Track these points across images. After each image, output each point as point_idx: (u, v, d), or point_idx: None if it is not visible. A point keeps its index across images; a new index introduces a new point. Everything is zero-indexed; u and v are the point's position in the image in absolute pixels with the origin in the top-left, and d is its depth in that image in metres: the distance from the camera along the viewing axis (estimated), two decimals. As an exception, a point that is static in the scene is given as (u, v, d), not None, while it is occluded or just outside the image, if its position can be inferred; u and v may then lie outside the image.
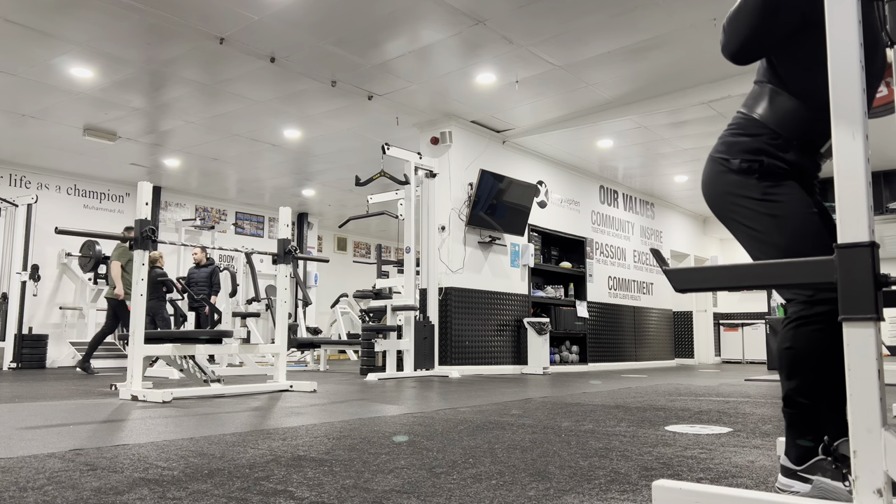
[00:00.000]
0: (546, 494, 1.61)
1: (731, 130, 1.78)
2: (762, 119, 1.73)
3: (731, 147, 1.74)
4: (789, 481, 1.61)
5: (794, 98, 1.70)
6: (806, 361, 1.60)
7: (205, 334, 4.92)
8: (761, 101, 1.75)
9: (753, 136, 1.72)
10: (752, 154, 1.70)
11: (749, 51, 1.71)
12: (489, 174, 7.89)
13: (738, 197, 1.70)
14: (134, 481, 1.73)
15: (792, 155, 1.68)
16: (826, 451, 1.56)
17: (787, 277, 1.32)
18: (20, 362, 8.67)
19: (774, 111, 1.72)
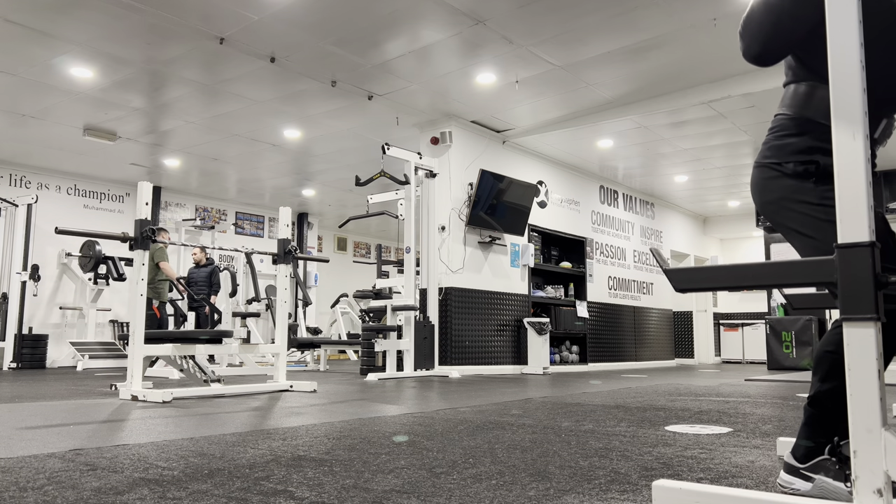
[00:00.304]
0: (546, 494, 1.61)
1: (776, 133, 1.73)
2: (807, 116, 1.68)
3: (780, 150, 1.69)
4: (791, 478, 1.60)
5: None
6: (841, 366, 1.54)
7: (205, 334, 4.92)
8: (801, 98, 1.70)
9: (802, 135, 1.67)
10: (805, 154, 1.65)
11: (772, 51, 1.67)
12: (489, 174, 7.89)
13: (794, 202, 1.64)
14: (134, 481, 1.73)
15: None
16: (832, 451, 1.56)
17: (788, 277, 1.32)
18: (20, 362, 8.67)
19: (817, 105, 1.66)
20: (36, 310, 9.49)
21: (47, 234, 9.57)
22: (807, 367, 9.06)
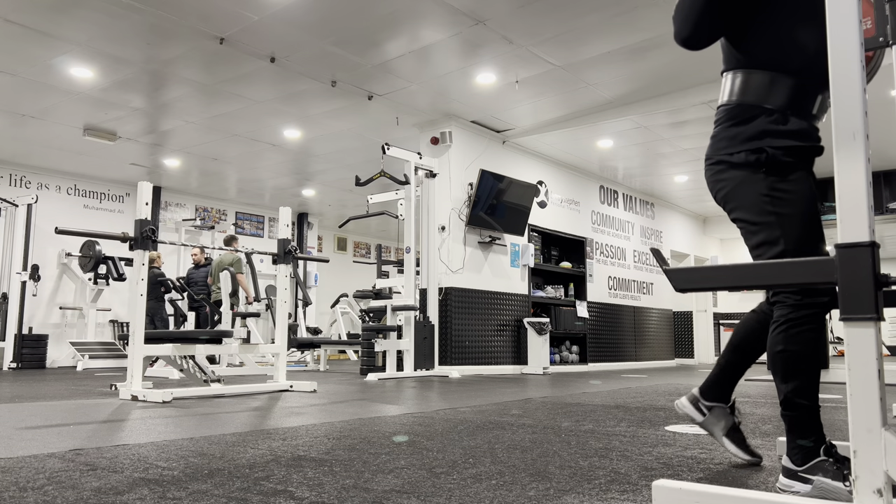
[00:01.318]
0: (546, 494, 1.61)
1: (723, 125, 1.75)
2: (747, 101, 1.70)
3: (731, 141, 1.71)
4: (790, 482, 1.62)
5: (768, 71, 1.69)
6: (801, 363, 1.61)
7: (205, 334, 4.92)
8: (739, 85, 1.73)
9: (749, 122, 1.70)
10: (755, 140, 1.67)
11: (702, 35, 1.70)
12: (489, 174, 7.89)
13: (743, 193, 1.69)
14: (134, 481, 1.73)
15: (793, 124, 1.67)
16: (828, 451, 1.58)
17: (788, 277, 1.32)
18: (20, 362, 8.67)
19: (757, 89, 1.69)
20: (36, 310, 9.49)
21: (47, 234, 9.57)
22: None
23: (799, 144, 1.66)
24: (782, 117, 1.67)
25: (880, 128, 7.68)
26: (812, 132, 1.69)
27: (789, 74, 1.68)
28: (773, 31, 1.69)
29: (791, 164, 1.66)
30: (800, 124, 1.67)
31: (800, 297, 1.61)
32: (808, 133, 1.68)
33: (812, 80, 1.68)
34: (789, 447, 1.64)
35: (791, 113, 1.67)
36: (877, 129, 7.67)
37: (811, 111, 1.69)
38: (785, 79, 1.68)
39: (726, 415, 1.97)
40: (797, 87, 1.68)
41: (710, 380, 2.00)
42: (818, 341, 1.61)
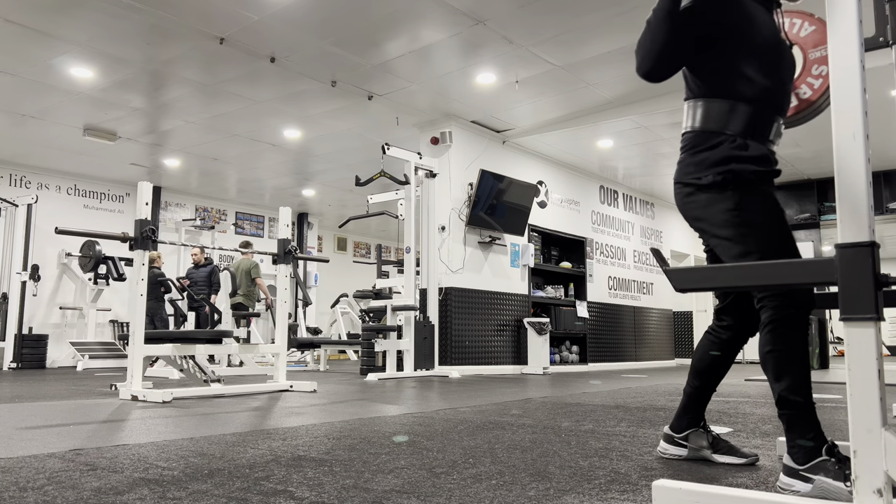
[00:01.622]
0: (546, 494, 1.61)
1: (689, 151, 1.87)
2: (710, 128, 1.83)
3: (698, 166, 1.83)
4: (791, 480, 1.64)
5: (727, 100, 1.82)
6: (790, 361, 1.67)
7: (205, 334, 4.92)
8: (698, 112, 1.86)
9: (714, 148, 1.81)
10: (721, 165, 1.79)
11: (661, 69, 1.82)
12: (489, 174, 7.89)
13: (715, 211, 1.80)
14: (134, 481, 1.73)
15: (753, 150, 1.79)
16: (829, 451, 1.59)
17: (788, 278, 1.33)
18: (20, 362, 8.67)
19: (718, 117, 1.82)
20: (36, 310, 9.49)
21: (47, 234, 9.57)
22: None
23: (760, 169, 1.78)
24: (743, 143, 1.79)
25: (880, 128, 7.68)
26: (770, 157, 1.83)
27: (746, 102, 1.81)
28: (728, 64, 1.82)
29: (755, 182, 1.78)
30: (759, 149, 1.80)
31: (782, 299, 1.68)
32: (767, 158, 1.81)
33: (767, 107, 1.83)
34: (789, 446, 1.66)
35: (750, 139, 1.80)
36: (877, 129, 7.67)
37: (768, 136, 1.83)
38: (742, 107, 1.81)
39: (702, 434, 2.02)
40: (754, 115, 1.81)
41: (679, 411, 2.06)
42: (805, 340, 1.67)
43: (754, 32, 1.84)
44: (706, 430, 2.03)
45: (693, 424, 2.04)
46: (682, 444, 2.05)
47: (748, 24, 1.83)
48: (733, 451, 2.00)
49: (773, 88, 1.83)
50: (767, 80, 1.82)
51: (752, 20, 1.85)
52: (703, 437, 2.02)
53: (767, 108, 1.83)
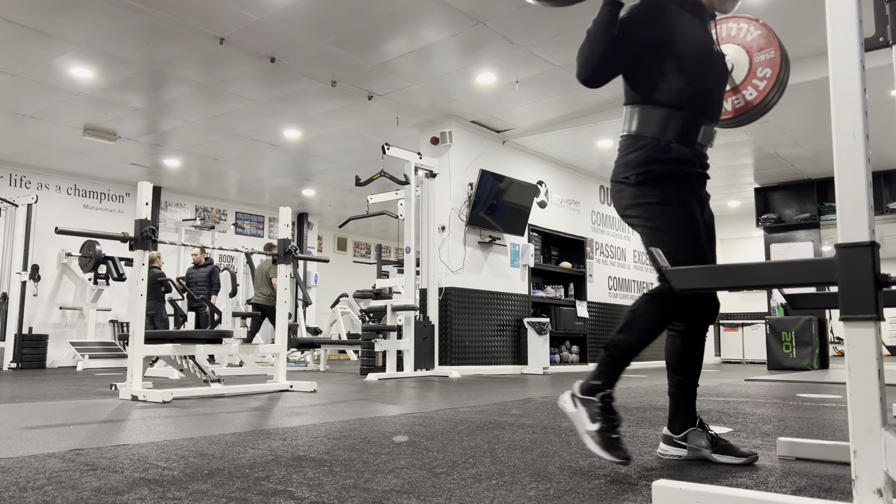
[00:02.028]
0: (546, 494, 1.61)
1: (621, 153, 2.05)
2: (640, 132, 2.01)
3: (626, 166, 2.01)
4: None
5: (657, 106, 1.99)
6: (637, 328, 1.93)
7: (205, 334, 4.92)
8: (634, 118, 2.03)
9: (639, 150, 1.99)
10: (643, 165, 1.97)
11: (597, 77, 1.97)
12: (489, 174, 7.89)
13: (638, 205, 1.98)
14: (134, 481, 1.73)
15: (674, 153, 1.97)
16: (603, 398, 1.90)
17: (787, 278, 1.33)
18: (20, 362, 8.67)
19: (646, 122, 2.00)
20: (36, 310, 9.49)
21: (47, 234, 9.57)
22: (807, 367, 9.06)
23: (679, 170, 1.97)
24: (666, 146, 1.97)
25: (880, 128, 7.68)
26: (694, 159, 2.00)
27: (675, 108, 1.97)
28: (658, 73, 1.99)
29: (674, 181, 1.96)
30: (682, 152, 1.98)
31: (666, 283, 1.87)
32: (690, 160, 1.99)
33: (695, 113, 2.00)
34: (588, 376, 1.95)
35: (675, 142, 1.97)
36: (877, 129, 7.67)
37: (695, 139, 2.00)
38: (670, 112, 1.98)
39: (701, 434, 2.05)
40: (681, 120, 1.98)
41: (671, 413, 2.11)
42: (663, 320, 1.94)
43: (684, 43, 1.99)
44: (705, 430, 2.06)
45: (689, 424, 2.07)
46: (682, 445, 2.07)
47: (678, 34, 1.99)
48: (733, 450, 2.03)
49: (701, 95, 2.00)
50: (696, 87, 1.98)
51: (683, 31, 2.01)
52: (703, 437, 2.04)
53: (695, 113, 1.99)
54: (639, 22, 1.98)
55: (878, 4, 1.63)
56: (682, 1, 2.05)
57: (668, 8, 2.01)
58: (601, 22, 1.91)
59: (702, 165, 2.04)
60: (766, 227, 10.22)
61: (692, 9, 2.06)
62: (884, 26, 1.63)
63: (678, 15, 2.02)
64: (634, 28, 1.96)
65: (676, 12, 2.02)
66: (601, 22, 1.91)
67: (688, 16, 2.04)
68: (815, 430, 2.79)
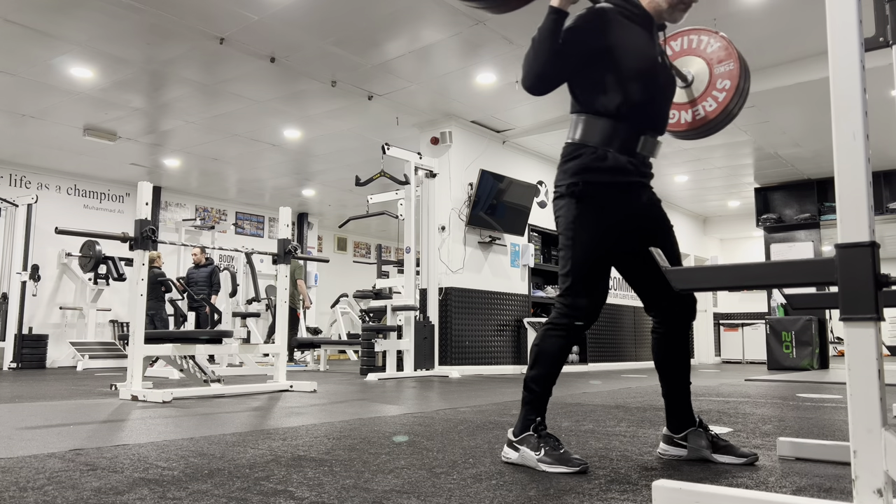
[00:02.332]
0: (546, 494, 1.61)
1: (561, 161, 2.07)
2: (580, 140, 2.03)
3: (562, 175, 2.04)
4: (507, 450, 2.02)
5: (600, 116, 2.00)
6: (544, 358, 2.00)
7: (205, 334, 4.92)
8: (577, 127, 2.05)
9: (578, 158, 2.01)
10: (577, 175, 1.99)
11: (541, 84, 1.96)
12: (489, 174, 7.89)
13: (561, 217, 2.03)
14: (134, 481, 1.73)
15: (610, 161, 1.98)
16: (535, 428, 1.96)
17: (787, 278, 1.33)
18: (20, 362, 8.67)
19: (587, 131, 2.02)
20: (36, 310, 9.49)
21: (47, 234, 9.57)
22: (807, 367, 9.06)
23: (611, 180, 1.98)
24: (603, 154, 1.99)
25: (880, 128, 7.68)
26: (630, 168, 2.01)
27: (616, 119, 1.99)
28: (601, 83, 2.00)
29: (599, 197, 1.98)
30: (618, 161, 1.99)
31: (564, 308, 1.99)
32: (625, 169, 2.00)
33: (636, 123, 2.01)
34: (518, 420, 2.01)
35: (613, 151, 1.99)
36: (877, 129, 7.67)
37: (635, 149, 2.02)
38: (612, 122, 1.99)
39: (701, 434, 2.06)
40: (621, 129, 1.99)
41: (668, 414, 2.13)
42: (566, 346, 1.99)
43: (628, 53, 2.00)
44: (705, 430, 2.06)
45: (689, 424, 2.08)
46: (682, 445, 2.08)
47: (622, 45, 2.00)
48: (732, 450, 2.03)
49: (643, 106, 2.01)
50: (638, 98, 1.99)
51: (627, 42, 2.01)
52: (703, 437, 2.05)
53: (636, 124, 2.01)
54: (583, 31, 1.99)
55: (878, 4, 1.63)
56: (628, 12, 2.05)
57: (613, 18, 2.02)
58: (545, 30, 1.92)
59: (641, 174, 2.05)
60: (766, 227, 10.22)
61: (639, 20, 2.06)
62: (884, 26, 1.63)
63: (624, 25, 2.02)
64: (578, 37, 1.97)
65: (622, 23, 2.02)
66: (545, 30, 1.92)
67: (634, 27, 2.04)
68: (815, 430, 2.79)
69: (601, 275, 2.01)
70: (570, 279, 1.98)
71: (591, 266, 1.98)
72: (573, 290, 1.98)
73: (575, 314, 1.97)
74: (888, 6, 1.62)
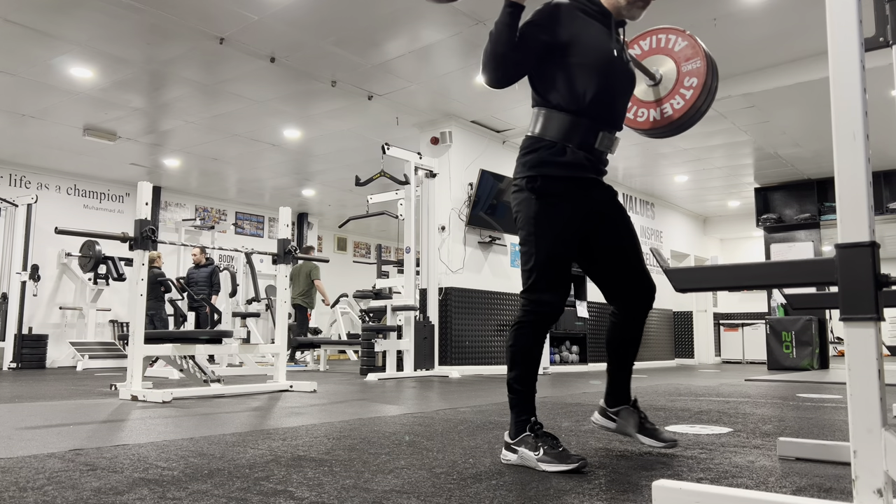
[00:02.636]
0: (546, 494, 1.61)
1: (520, 153, 2.08)
2: (538, 134, 2.04)
3: (521, 168, 2.06)
4: (506, 452, 2.01)
5: (559, 111, 2.02)
6: (521, 356, 2.03)
7: (205, 334, 4.92)
8: (537, 121, 2.06)
9: (536, 151, 2.03)
10: (535, 169, 2.01)
11: (500, 79, 1.98)
12: (489, 174, 7.88)
13: (520, 211, 2.05)
14: (134, 481, 1.73)
15: (568, 156, 2.01)
16: (531, 428, 1.96)
17: (788, 278, 1.33)
18: (20, 362, 8.67)
19: (546, 125, 2.03)
20: (36, 310, 9.49)
21: (47, 234, 9.56)
22: (807, 367, 9.06)
23: (569, 175, 2.00)
24: (561, 149, 2.01)
25: (880, 128, 7.68)
26: (587, 164, 2.04)
27: (573, 114, 2.01)
28: (558, 78, 2.02)
29: (558, 193, 2.00)
30: (575, 156, 2.01)
31: (529, 305, 2.03)
32: (582, 165, 2.03)
33: (593, 119, 2.03)
34: (510, 423, 2.01)
35: (570, 146, 2.01)
36: (877, 129, 7.67)
37: (593, 145, 2.04)
38: (570, 117, 2.01)
39: (633, 413, 2.19)
40: (578, 125, 2.01)
41: (607, 389, 2.26)
42: (538, 341, 2.03)
43: (585, 49, 2.01)
44: (637, 410, 2.20)
45: (624, 401, 2.22)
46: (612, 419, 2.24)
47: (579, 40, 2.01)
48: (656, 434, 2.17)
49: (600, 102, 2.02)
50: (595, 94, 2.00)
51: (585, 37, 2.02)
52: (633, 416, 2.19)
53: (593, 120, 2.03)
54: (540, 26, 1.99)
55: (878, 4, 1.63)
56: (587, 8, 2.06)
57: (570, 13, 2.03)
58: (501, 24, 1.91)
59: (597, 171, 2.08)
60: (766, 227, 10.22)
61: (598, 16, 2.07)
62: (884, 26, 1.63)
63: (581, 21, 2.03)
64: (535, 32, 1.98)
65: (580, 18, 2.04)
66: (501, 24, 1.91)
67: (592, 22, 2.05)
68: (815, 430, 2.79)
69: (564, 269, 2.03)
70: (534, 275, 2.01)
71: (553, 262, 2.00)
72: (537, 287, 2.02)
73: (540, 310, 2.01)
74: (888, 6, 1.62)
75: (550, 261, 2.00)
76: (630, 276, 2.16)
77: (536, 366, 2.04)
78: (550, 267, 2.00)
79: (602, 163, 2.11)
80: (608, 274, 2.17)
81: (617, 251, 2.14)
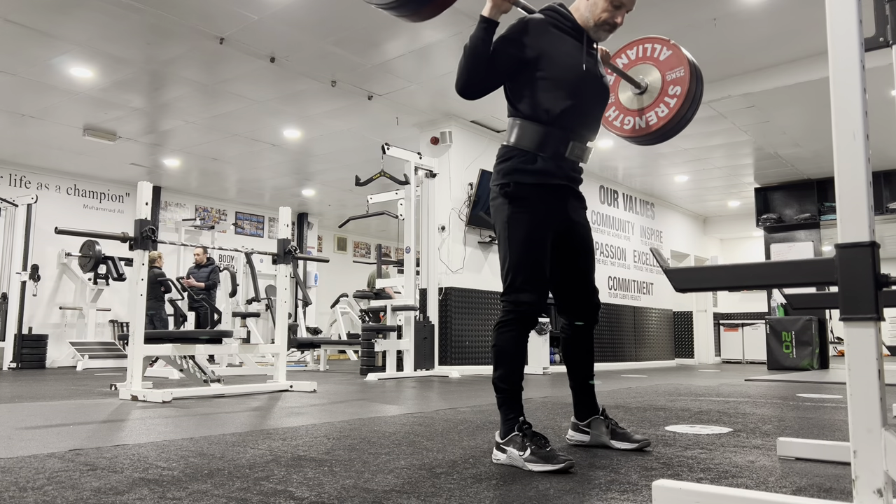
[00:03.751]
0: (546, 494, 1.61)
1: (496, 162, 2.18)
2: (513, 144, 2.13)
3: (496, 175, 2.16)
4: (496, 452, 2.03)
5: (531, 121, 2.11)
6: (505, 356, 2.11)
7: (205, 334, 4.92)
8: (512, 130, 2.15)
9: (510, 160, 2.12)
10: (508, 176, 2.10)
11: (472, 90, 2.08)
12: (489, 174, 7.87)
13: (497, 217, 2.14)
14: (134, 481, 1.73)
15: (539, 164, 2.10)
16: (520, 428, 1.99)
17: (788, 278, 1.33)
18: (20, 362, 8.67)
19: (519, 135, 2.12)
20: (36, 310, 9.49)
21: (47, 234, 9.55)
22: (807, 367, 9.06)
23: (539, 182, 2.09)
24: (532, 158, 2.10)
25: (880, 128, 7.68)
26: (558, 171, 2.13)
27: (545, 125, 2.09)
28: (530, 90, 2.11)
29: (530, 197, 2.08)
30: (545, 165, 2.10)
31: (508, 305, 2.09)
32: (553, 172, 2.12)
33: (563, 129, 2.12)
34: (500, 423, 2.05)
35: (541, 155, 2.10)
36: (877, 129, 7.67)
37: (563, 154, 2.13)
38: (541, 127, 2.09)
39: (602, 422, 2.28)
40: (550, 135, 2.10)
41: (574, 403, 2.34)
42: (520, 340, 2.10)
43: (556, 63, 2.09)
44: (606, 419, 2.29)
45: (592, 413, 2.30)
46: (585, 431, 2.30)
47: (550, 54, 2.09)
48: (627, 437, 2.24)
49: (571, 114, 2.10)
50: (565, 105, 2.08)
51: (556, 51, 2.10)
52: (603, 425, 2.27)
53: (564, 129, 2.11)
54: (512, 40, 2.08)
55: (878, 4, 1.63)
56: (560, 23, 2.14)
57: (543, 29, 2.11)
58: (475, 38, 2.02)
59: (569, 179, 2.17)
60: (766, 227, 10.22)
61: (571, 32, 2.15)
62: (884, 26, 1.63)
63: (554, 36, 2.11)
64: (508, 46, 2.07)
65: (552, 33, 2.11)
66: (475, 38, 2.02)
67: (565, 38, 2.13)
68: (815, 430, 2.79)
69: (539, 269, 2.09)
70: (510, 276, 2.08)
71: (527, 262, 2.07)
72: (514, 287, 2.08)
73: (519, 309, 2.08)
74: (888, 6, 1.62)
75: (525, 261, 2.07)
76: (581, 296, 2.28)
77: (521, 365, 2.09)
78: (525, 267, 2.07)
79: (575, 171, 2.20)
80: (562, 289, 2.29)
81: (574, 272, 2.26)
